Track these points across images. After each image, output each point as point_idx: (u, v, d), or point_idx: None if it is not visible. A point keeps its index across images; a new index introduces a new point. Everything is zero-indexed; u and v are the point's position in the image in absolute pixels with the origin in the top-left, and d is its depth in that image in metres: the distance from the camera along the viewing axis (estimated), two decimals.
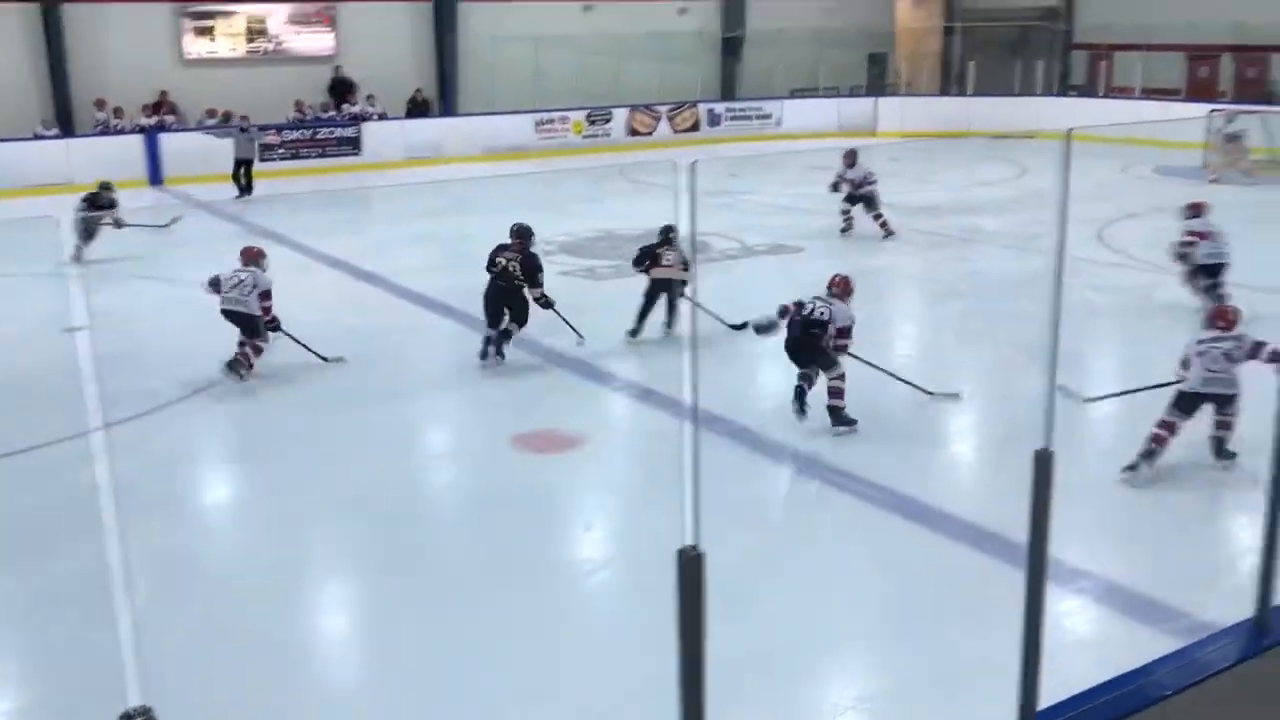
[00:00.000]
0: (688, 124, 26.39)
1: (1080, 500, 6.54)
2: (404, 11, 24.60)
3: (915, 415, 8.44)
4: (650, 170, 19.68)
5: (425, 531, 6.69)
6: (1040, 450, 2.81)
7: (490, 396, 9.07)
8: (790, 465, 7.48)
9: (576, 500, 7.20)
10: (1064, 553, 5.79)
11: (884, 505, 6.76)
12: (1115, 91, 26.36)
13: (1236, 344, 7.03)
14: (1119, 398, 8.05)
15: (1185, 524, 6.64)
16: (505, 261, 9.60)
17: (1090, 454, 7.52)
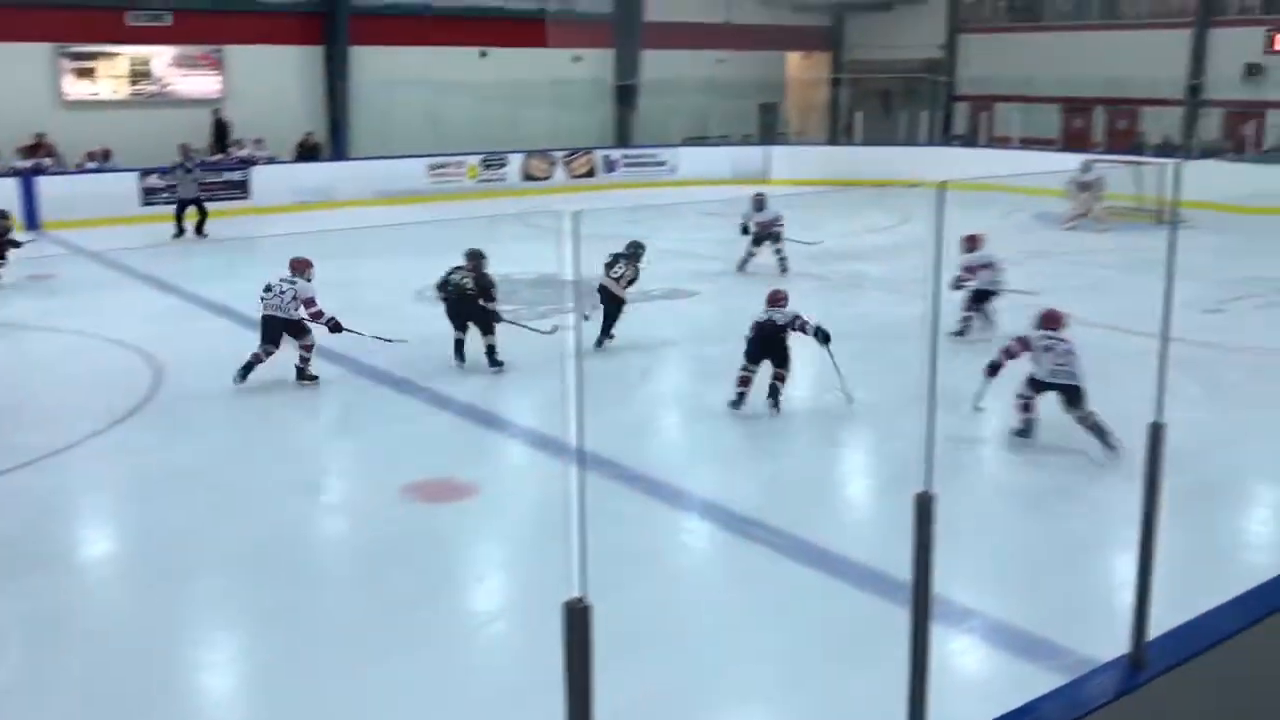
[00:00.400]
0: (583, 170, 26.56)
1: (968, 539, 6.67)
2: (294, 55, 24.34)
3: (808, 458, 8.54)
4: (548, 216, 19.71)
5: (312, 586, 6.51)
6: (921, 493, 2.85)
7: (380, 445, 8.91)
8: (687, 511, 7.49)
9: (469, 551, 7.10)
10: (952, 593, 5.92)
11: (779, 549, 6.80)
12: (995, 141, 27.36)
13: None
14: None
15: (1068, 559, 6.81)
16: (460, 278, 10.74)
17: (978, 493, 7.70)
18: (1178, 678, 3.72)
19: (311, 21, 24.35)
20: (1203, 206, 18.40)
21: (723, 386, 10.46)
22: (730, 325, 12.80)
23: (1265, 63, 25.02)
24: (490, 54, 26.67)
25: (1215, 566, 6.40)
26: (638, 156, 27.36)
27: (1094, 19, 28.47)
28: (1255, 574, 4.73)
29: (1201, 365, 10.53)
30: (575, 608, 2.23)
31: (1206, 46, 25.97)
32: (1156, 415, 3.56)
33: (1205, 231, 17.81)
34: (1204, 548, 6.76)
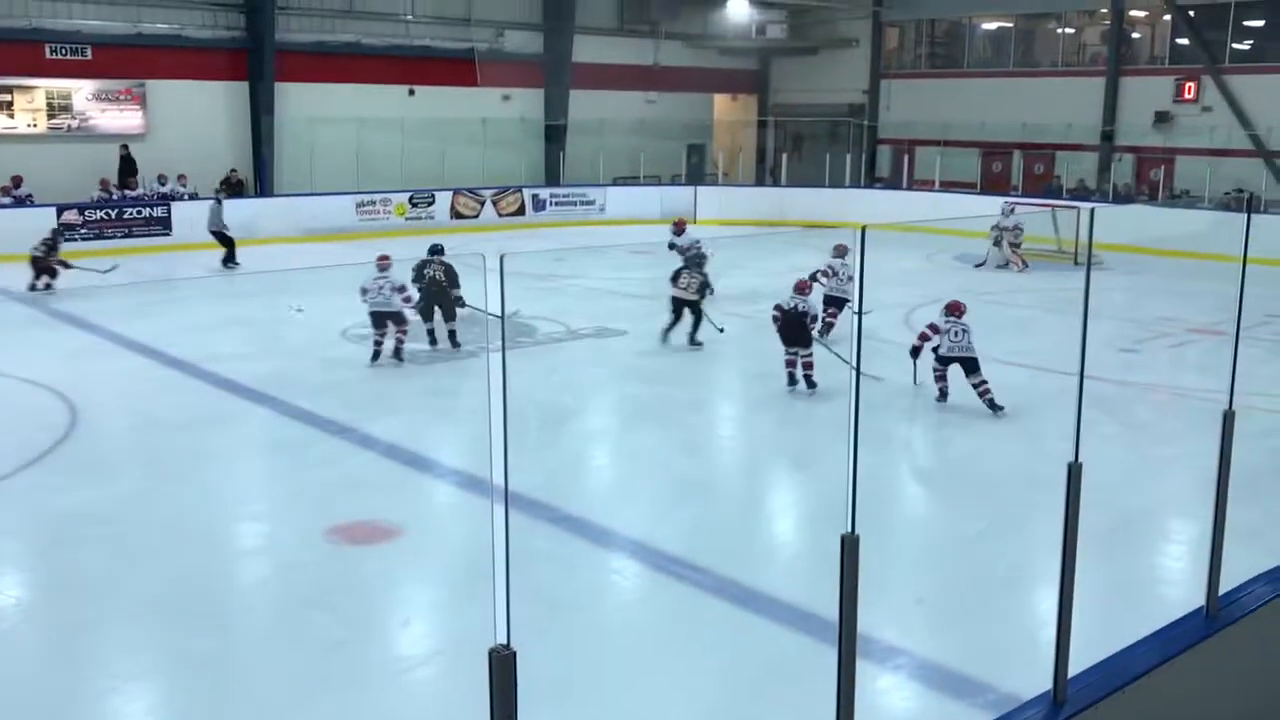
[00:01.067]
0: (512, 208, 26.56)
1: (894, 578, 6.74)
2: (219, 90, 24.07)
3: (737, 498, 8.57)
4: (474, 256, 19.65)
5: (232, 633, 6.35)
6: (846, 534, 2.87)
7: (305, 486, 8.76)
8: (615, 551, 7.45)
9: (394, 594, 6.98)
10: (879, 631, 5.95)
11: (708, 589, 6.79)
12: (917, 184, 27.90)
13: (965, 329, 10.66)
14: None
15: (993, 597, 6.89)
16: (432, 272, 12.86)
17: (904, 531, 7.78)
18: (1098, 714, 3.78)
19: (237, 57, 24.13)
20: (1117, 249, 18.92)
21: (650, 426, 10.49)
22: (657, 364, 12.88)
23: (1173, 110, 25.91)
24: (419, 92, 26.65)
25: (1134, 602, 6.52)
26: (566, 195, 27.45)
27: (1011, 66, 29.28)
28: (1172, 609, 4.82)
29: (1118, 403, 10.79)
30: (499, 655, 2.20)
31: (1118, 95, 26.83)
32: (1074, 455, 3.63)
33: (1119, 273, 18.33)
34: (1123, 583, 6.88)
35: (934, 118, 28.93)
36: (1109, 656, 4.06)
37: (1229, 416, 4.45)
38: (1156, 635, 4.35)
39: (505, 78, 27.84)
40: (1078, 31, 28.83)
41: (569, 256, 20.41)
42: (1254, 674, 4.86)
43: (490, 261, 2.38)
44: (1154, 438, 10.18)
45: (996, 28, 30.12)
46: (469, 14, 27.29)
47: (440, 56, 26.90)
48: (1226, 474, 4.50)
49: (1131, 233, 20.19)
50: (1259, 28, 25.26)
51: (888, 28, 31.64)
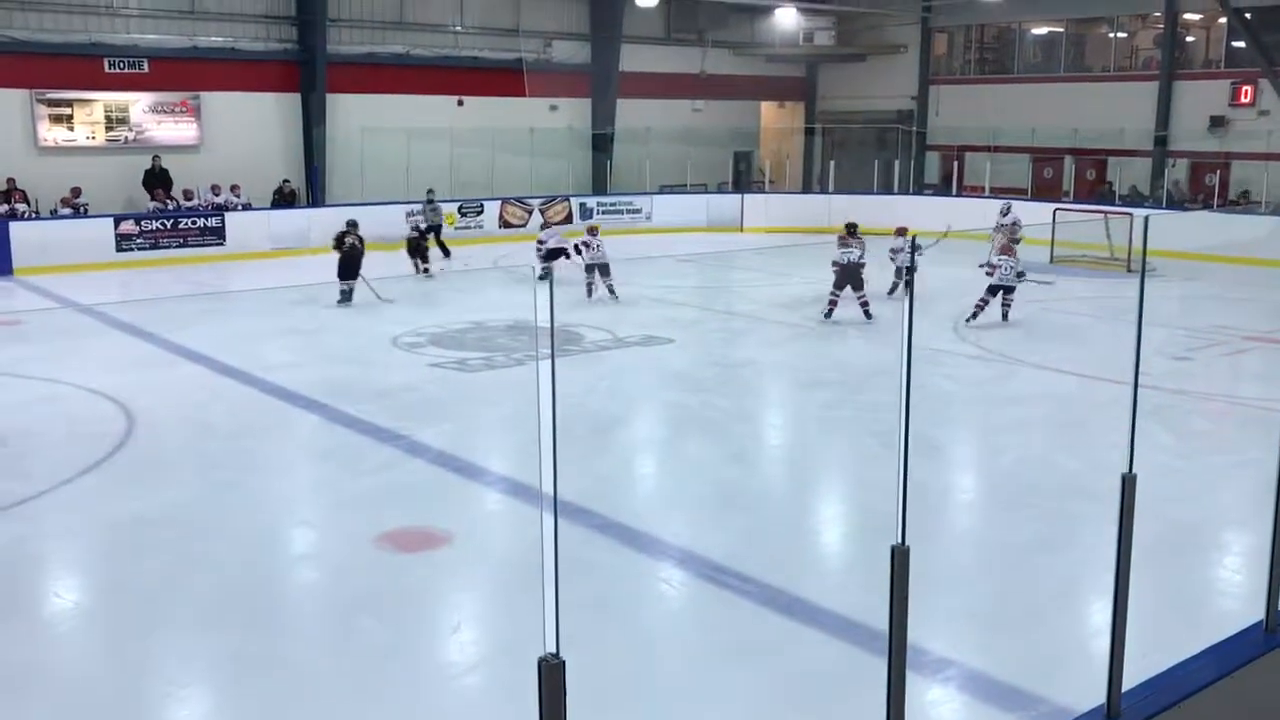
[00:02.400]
0: (560, 217, 26.66)
1: (944, 588, 6.68)
2: (271, 102, 24.43)
3: (784, 507, 8.54)
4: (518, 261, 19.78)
5: (285, 639, 6.43)
6: (896, 545, 2.86)
7: (355, 493, 8.85)
8: (663, 559, 7.46)
9: (444, 601, 7.04)
10: (929, 642, 5.91)
11: (754, 599, 6.77)
12: (967, 190, 27.66)
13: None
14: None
15: (1045, 608, 6.80)
16: (351, 241, 16.94)
17: (950, 543, 7.72)
18: None
19: (289, 69, 24.47)
20: (1170, 255, 18.66)
21: (697, 434, 10.50)
22: (705, 372, 12.89)
23: (1229, 115, 25.49)
24: (467, 102, 26.86)
25: (1190, 615, 6.43)
26: (613, 204, 27.53)
27: (1061, 71, 28.98)
28: (1229, 622, 4.75)
29: (1172, 412, 10.64)
30: (548, 664, 2.22)
31: (1172, 99, 26.45)
32: (1128, 466, 3.58)
33: (1173, 280, 18.06)
34: (1178, 596, 6.79)
35: (983, 123, 28.67)
36: (1164, 670, 4.01)
37: None
38: (1213, 649, 4.28)
39: (553, 88, 27.99)
40: (1130, 35, 28.46)
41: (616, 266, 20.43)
42: None
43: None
44: (1209, 447, 10.01)
45: (1047, 32, 29.81)
46: (517, 25, 27.48)
47: (489, 67, 27.11)
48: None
49: (1186, 239, 19.88)
50: None
51: (936, 33, 31.44)
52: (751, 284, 18.95)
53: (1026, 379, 12.56)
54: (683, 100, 30.37)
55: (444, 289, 18.50)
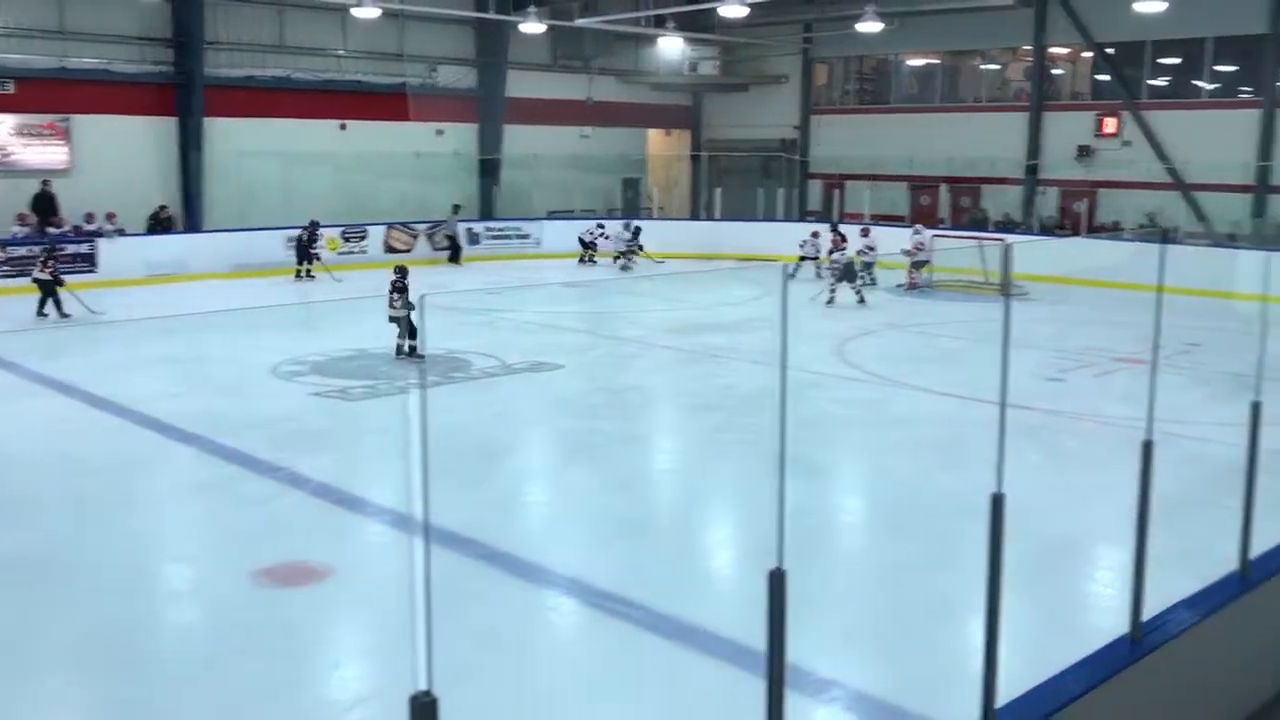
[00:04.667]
0: (446, 242, 26.46)
1: (827, 609, 6.76)
2: (146, 125, 23.74)
3: (674, 530, 8.55)
4: None
5: (158, 681, 6.18)
6: (774, 569, 2.87)
7: (232, 527, 8.58)
8: (549, 589, 7.39)
9: (324, 637, 6.85)
10: (813, 664, 5.96)
11: (643, 625, 6.75)
12: (848, 218, 28.26)
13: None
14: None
15: (926, 627, 6.92)
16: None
17: (833, 564, 7.82)
18: None
19: (165, 92, 23.84)
20: (1042, 280, 19.34)
21: (586, 460, 10.47)
22: (593, 398, 12.87)
23: (1095, 145, 26.60)
24: (350, 126, 26.52)
25: (1064, 630, 6.61)
26: (501, 229, 27.44)
27: (937, 102, 29.90)
28: (1101, 636, 4.88)
29: (1045, 432, 10.98)
30: (420, 702, 2.16)
31: (1041, 129, 27.50)
32: (997, 486, 3.67)
33: (1045, 303, 18.71)
34: (1053, 611, 6.98)
35: (863, 152, 29.42)
36: (1036, 686, 4.11)
37: (1148, 446, 4.54)
38: (1082, 663, 4.41)
39: (438, 112, 27.81)
40: (1002, 68, 29.54)
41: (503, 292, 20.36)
42: (1177, 698, 4.94)
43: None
44: (1081, 466, 10.36)
45: (923, 64, 30.75)
46: (401, 50, 27.26)
47: (372, 91, 26.81)
48: (1147, 503, 4.58)
49: (1057, 264, 20.63)
50: (1174, 65, 26.06)
51: (817, 64, 32.17)
52: (641, 309, 19.02)
53: (907, 401, 12.85)
54: (570, 126, 30.49)
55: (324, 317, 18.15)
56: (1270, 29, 23.64)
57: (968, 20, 27.25)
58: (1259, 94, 24.26)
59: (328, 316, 18.55)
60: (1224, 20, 24.18)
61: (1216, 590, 5.29)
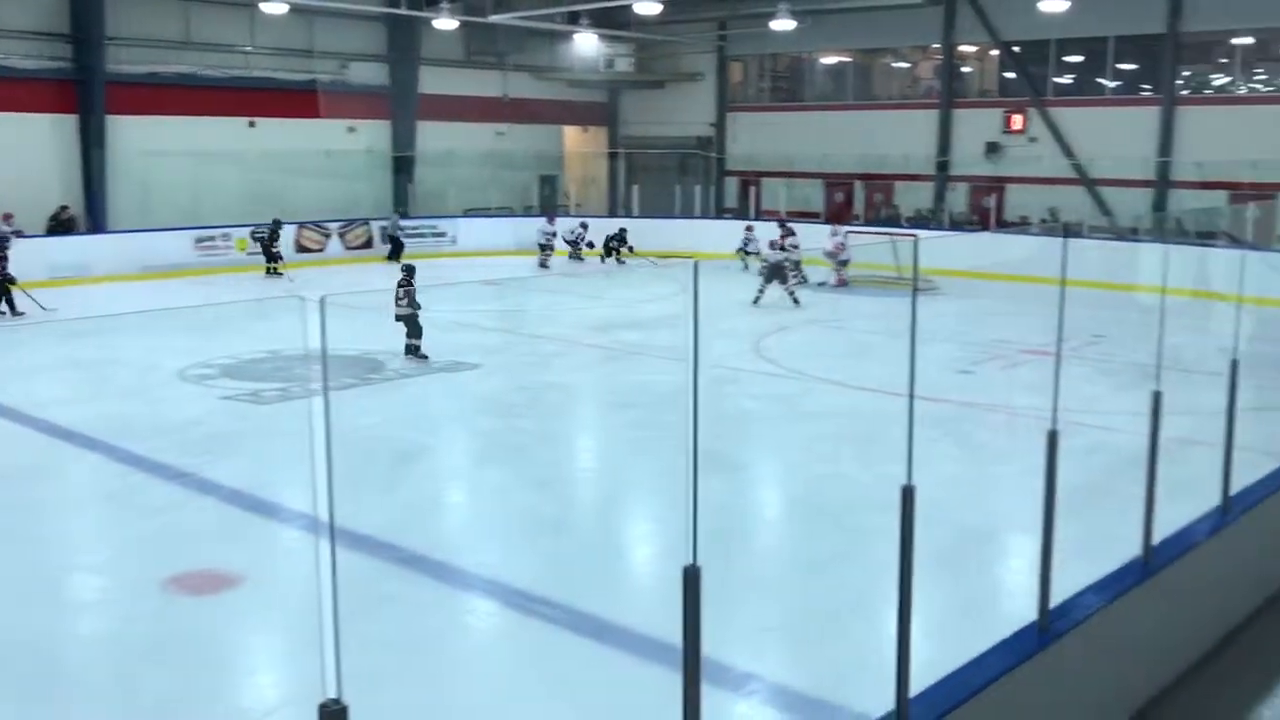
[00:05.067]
0: (359, 241, 26.11)
1: (745, 604, 6.79)
2: (44, 123, 23.01)
3: (593, 528, 8.53)
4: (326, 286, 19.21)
5: (66, 694, 5.99)
6: (688, 566, 2.87)
7: (141, 536, 8.35)
8: (468, 591, 7.33)
9: (237, 645, 6.71)
10: (733, 658, 5.99)
11: (563, 625, 6.72)
12: (764, 215, 28.51)
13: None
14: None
15: (841, 619, 6.99)
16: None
17: (751, 559, 7.87)
18: None
19: (65, 89, 23.13)
20: (953, 274, 19.70)
21: (504, 460, 10.40)
22: (511, 397, 12.79)
23: (1002, 141, 27.18)
24: (260, 124, 26.01)
25: (978, 617, 6.72)
26: (416, 228, 27.14)
27: (850, 100, 30.29)
28: (1013, 623, 4.98)
29: (958, 424, 11.18)
30: (329, 710, 2.12)
31: (951, 126, 28.01)
32: (907, 478, 3.72)
33: (956, 297, 19.08)
34: (968, 599, 7.10)
35: (778, 150, 29.69)
36: (948, 674, 4.18)
37: (1053, 437, 4.64)
38: (993, 651, 4.49)
39: (350, 109, 27.43)
40: (912, 65, 30.03)
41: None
42: (1085, 681, 5.06)
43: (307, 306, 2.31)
44: (991, 456, 10.57)
45: (836, 62, 31.12)
46: (311, 46, 26.81)
47: (282, 88, 26.33)
48: (1053, 492, 4.68)
49: (967, 259, 21.04)
50: (1078, 63, 26.73)
51: (732, 62, 32.38)
52: (560, 307, 18.97)
53: (823, 396, 13.00)
54: (486, 124, 30.28)
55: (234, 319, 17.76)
56: (1168, 28, 24.37)
57: (878, 19, 27.64)
58: (1158, 91, 24.99)
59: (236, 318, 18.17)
60: (1124, 20, 24.87)
61: (1120, 576, 5.43)
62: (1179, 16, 24.23)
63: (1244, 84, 24.71)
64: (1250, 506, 6.59)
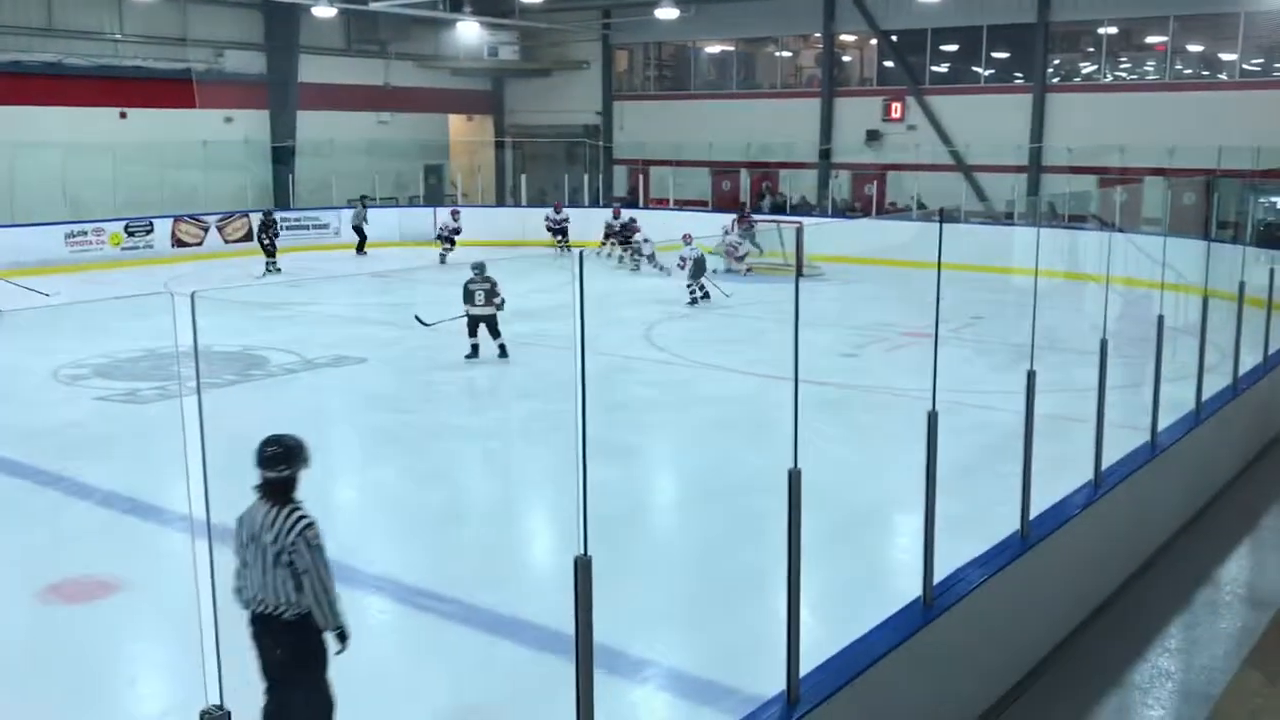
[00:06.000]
0: (239, 234, 25.43)
1: (640, 591, 6.83)
2: None
3: (485, 521, 8.48)
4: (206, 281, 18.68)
5: None
6: (578, 556, 2.88)
7: (15, 544, 8.01)
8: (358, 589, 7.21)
9: (118, 653, 6.50)
10: (628, 645, 6.02)
11: (458, 619, 6.67)
12: (653, 203, 28.64)
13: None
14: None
15: (734, 602, 7.08)
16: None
17: (646, 545, 7.91)
18: (831, 709, 3.95)
19: None
20: (838, 260, 20.07)
21: (394, 454, 10.26)
22: (401, 391, 12.62)
23: (883, 129, 27.74)
24: (132, 115, 25.13)
25: (869, 595, 6.86)
26: (298, 219, 26.54)
27: (735, 89, 30.56)
28: (899, 599, 5.11)
29: (844, 406, 11.41)
30: (213, 716, 2.07)
31: (833, 115, 28.48)
32: (793, 461, 3.78)
33: (839, 282, 19.44)
34: (858, 578, 7.24)
35: (666, 138, 29.81)
36: (837, 652, 4.26)
37: (932, 417, 4.76)
38: (880, 627, 4.60)
39: (227, 99, 26.68)
40: (794, 55, 30.42)
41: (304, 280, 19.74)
42: (968, 654, 5.22)
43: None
44: (876, 437, 10.80)
45: (720, 51, 31.35)
46: (184, 33, 25.99)
47: (155, 77, 25.48)
48: (933, 471, 4.81)
49: (850, 244, 21.44)
50: (953, 52, 27.41)
51: (617, 51, 32.38)
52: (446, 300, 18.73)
53: (713, 382, 13.13)
54: (368, 112, 29.76)
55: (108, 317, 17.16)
56: (1039, 18, 25.14)
57: (760, 8, 27.92)
58: (1030, 79, 25.78)
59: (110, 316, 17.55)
60: (997, 9, 25.58)
61: (1000, 550, 5.61)
62: (1049, 7, 25.02)
63: (1110, 72, 25.65)
64: (1121, 480, 6.87)
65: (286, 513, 4.60)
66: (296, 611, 4.55)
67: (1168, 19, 24.08)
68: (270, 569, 4.54)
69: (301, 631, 4.57)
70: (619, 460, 9.34)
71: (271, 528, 4.57)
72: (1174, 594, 7.13)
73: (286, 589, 4.53)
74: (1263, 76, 23.57)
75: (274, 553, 4.54)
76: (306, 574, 4.51)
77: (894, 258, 18.23)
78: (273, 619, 4.56)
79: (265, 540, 4.56)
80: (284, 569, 4.53)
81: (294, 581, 4.52)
